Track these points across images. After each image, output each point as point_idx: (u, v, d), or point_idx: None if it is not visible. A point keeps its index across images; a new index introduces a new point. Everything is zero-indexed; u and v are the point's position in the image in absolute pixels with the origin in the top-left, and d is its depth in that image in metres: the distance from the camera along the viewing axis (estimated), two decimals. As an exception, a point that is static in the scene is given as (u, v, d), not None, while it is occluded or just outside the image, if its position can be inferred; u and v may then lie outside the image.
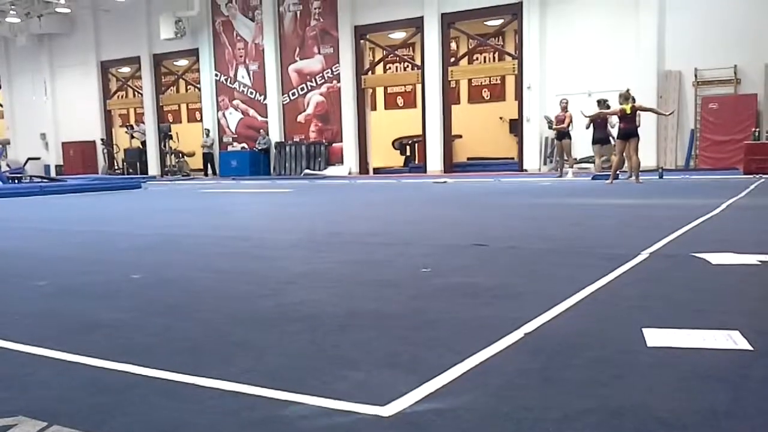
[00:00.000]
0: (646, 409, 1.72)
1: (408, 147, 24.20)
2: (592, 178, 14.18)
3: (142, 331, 2.66)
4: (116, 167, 27.32)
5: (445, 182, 15.35)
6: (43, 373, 2.17)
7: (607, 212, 7.45)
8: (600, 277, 3.40)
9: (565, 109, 15.57)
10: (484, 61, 22.54)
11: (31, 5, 25.35)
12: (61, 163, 28.02)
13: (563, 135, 15.55)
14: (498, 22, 20.52)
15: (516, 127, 20.63)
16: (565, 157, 15.81)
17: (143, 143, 26.39)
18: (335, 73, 22.15)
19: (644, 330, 2.41)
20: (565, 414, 1.70)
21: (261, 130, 23.53)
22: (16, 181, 16.54)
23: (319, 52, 22.47)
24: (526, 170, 19.26)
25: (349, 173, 21.74)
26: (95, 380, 2.09)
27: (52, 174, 25.34)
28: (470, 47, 22.01)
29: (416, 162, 23.18)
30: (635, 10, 17.48)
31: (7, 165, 21.12)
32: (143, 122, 26.59)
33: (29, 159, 26.12)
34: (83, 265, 4.52)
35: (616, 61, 17.65)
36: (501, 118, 22.66)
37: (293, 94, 23.09)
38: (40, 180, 17.46)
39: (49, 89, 28.44)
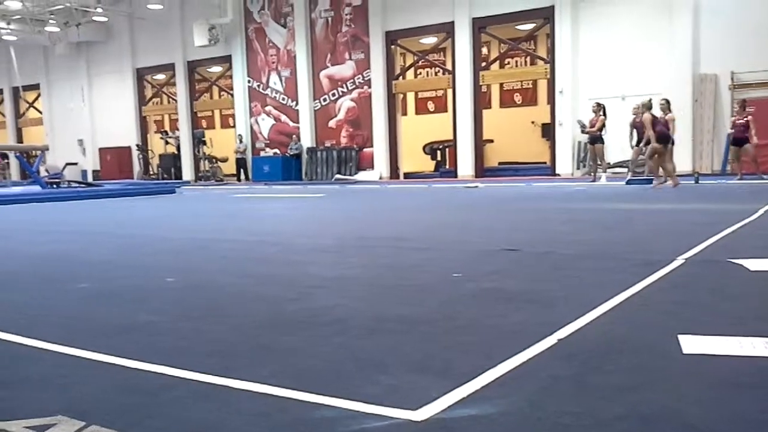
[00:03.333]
0: (679, 417, 1.70)
1: (439, 152, 24.15)
2: (627, 183, 13.99)
3: (175, 334, 2.70)
4: (151, 172, 27.72)
5: (476, 187, 15.28)
6: (81, 374, 2.21)
7: (641, 217, 7.35)
8: (634, 282, 3.35)
9: (596, 112, 15.40)
10: (516, 66, 22.41)
11: (70, 14, 25.90)
12: (98, 169, 28.53)
13: (595, 139, 15.41)
14: (529, 26, 20.38)
15: (548, 131, 20.46)
16: (598, 162, 15.66)
17: (178, 149, 26.76)
18: (366, 79, 22.22)
19: (680, 337, 2.37)
20: (598, 420, 1.68)
21: (293, 136, 23.70)
22: (55, 185, 16.88)
23: (350, 58, 22.57)
24: (558, 175, 19.09)
25: (380, 178, 21.77)
26: (131, 381, 2.12)
27: (89, 179, 25.80)
28: (501, 51, 21.91)
29: (447, 167, 23.11)
30: (669, 13, 17.22)
31: (46, 170, 21.55)
32: (177, 128, 26.96)
33: (67, 164, 26.66)
34: (120, 269, 4.60)
35: (650, 64, 17.41)
36: (533, 122, 22.50)
37: (324, 100, 23.22)
38: (77, 185, 17.80)
39: (86, 96, 29.00)
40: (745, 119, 14.37)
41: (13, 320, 2.97)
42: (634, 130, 14.27)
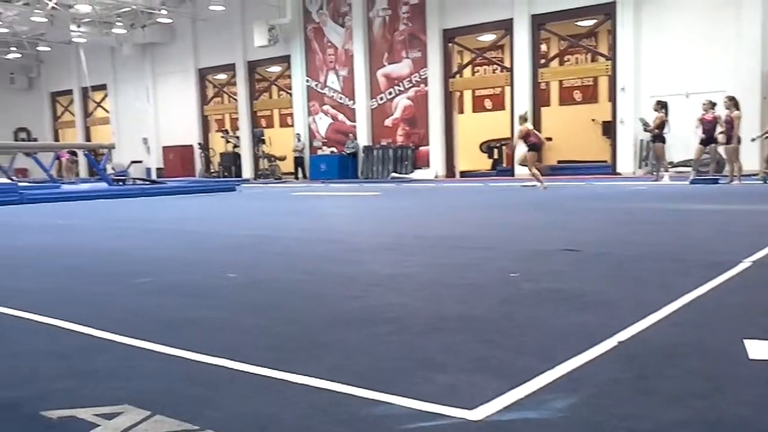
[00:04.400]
0: (746, 424, 1.65)
1: (496, 150, 23.93)
2: (691, 182, 13.59)
3: (236, 328, 2.77)
4: (212, 170, 28.33)
5: (534, 186, 15.08)
6: (146, 365, 2.29)
7: (706, 218, 7.13)
8: (699, 285, 3.26)
9: (657, 111, 15.02)
10: (576, 63, 22.01)
11: (136, 17, 26.70)
12: (162, 166, 29.33)
13: (656, 138, 15.06)
14: (590, 22, 19.99)
15: (609, 129, 20.04)
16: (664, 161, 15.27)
17: (237, 147, 27.27)
18: (423, 77, 22.19)
19: (746, 341, 2.30)
20: (659, 425, 1.65)
21: (350, 134, 23.87)
22: (121, 183, 17.44)
23: (407, 56, 22.57)
24: (619, 174, 18.67)
25: (436, 176, 21.71)
26: (193, 373, 2.18)
27: (153, 177, 26.55)
28: (561, 48, 21.55)
29: (504, 165, 22.89)
30: (736, 7, 16.62)
31: (112, 168, 22.25)
32: (238, 127, 27.48)
33: (132, 162, 27.47)
34: (182, 264, 4.73)
35: (716, 60, 16.84)
36: (593, 120, 22.06)
37: (381, 99, 23.29)
38: (142, 182, 18.34)
39: (151, 96, 29.84)
40: None
41: (81, 313, 3.09)
42: (700, 128, 13.89)
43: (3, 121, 33.45)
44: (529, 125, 14.16)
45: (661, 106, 15.02)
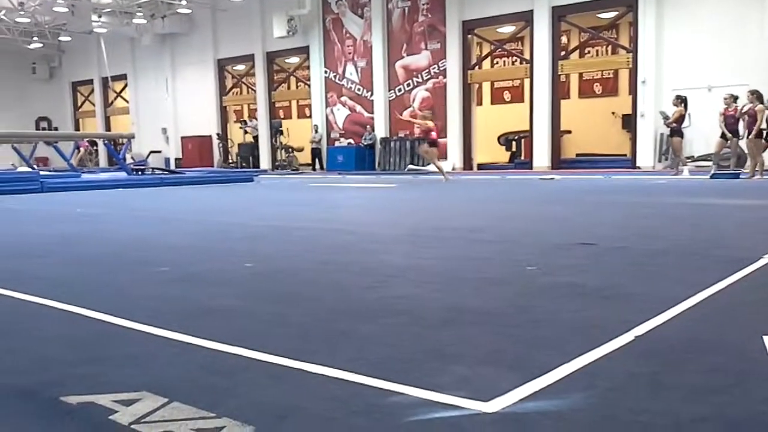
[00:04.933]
0: (767, 421, 1.63)
1: (514, 142, 23.81)
2: (711, 177, 13.45)
3: (254, 317, 2.79)
4: (230, 161, 28.46)
5: (552, 179, 15.01)
6: (165, 353, 2.31)
7: (726, 213, 7.06)
8: (718, 280, 3.23)
9: (677, 105, 14.88)
10: (596, 55, 21.80)
11: (156, 7, 26.81)
12: (180, 157, 29.51)
13: (674, 132, 14.96)
14: (611, 14, 19.79)
15: (629, 122, 19.85)
16: (681, 156, 15.16)
17: (255, 138, 27.36)
18: (441, 69, 22.10)
19: (765, 337, 2.28)
20: (677, 421, 1.64)
21: (367, 126, 23.86)
22: (140, 172, 17.58)
23: (426, 48, 22.49)
24: (639, 167, 18.51)
25: (453, 169, 21.64)
26: (211, 362, 2.20)
27: (172, 166, 26.72)
28: (582, 40, 21.36)
29: (522, 158, 22.77)
30: (761, 0, 16.37)
31: (132, 158, 22.44)
32: (256, 118, 27.56)
33: (151, 152, 27.66)
34: (201, 253, 4.76)
35: (740, 53, 16.59)
36: (613, 113, 21.87)
37: (399, 90, 23.24)
38: (161, 172, 18.47)
39: (170, 86, 30.00)
40: None
41: (101, 301, 3.13)
42: (723, 122, 13.75)
43: (25, 110, 33.84)
44: (430, 124, 16.03)
45: (681, 100, 14.88)
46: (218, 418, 1.71)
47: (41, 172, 16.00)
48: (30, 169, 16.23)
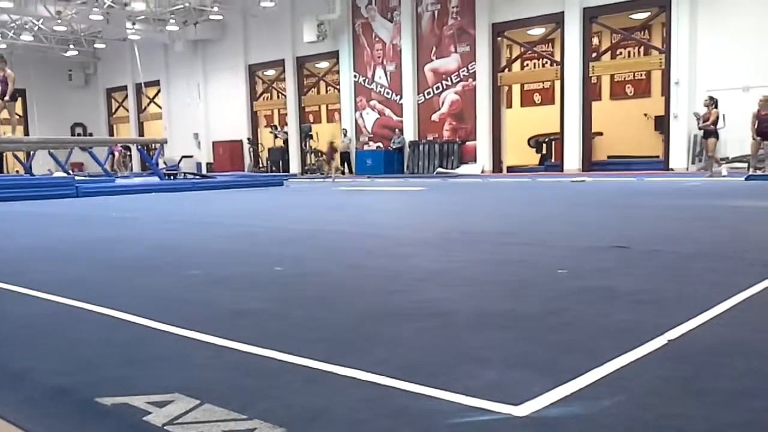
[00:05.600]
0: (804, 427, 1.60)
1: (544, 145, 23.65)
2: (746, 179, 13.19)
3: (284, 320, 2.81)
4: (261, 165, 28.72)
5: (583, 181, 14.86)
6: (197, 356, 2.34)
7: (761, 215, 6.92)
8: (753, 284, 3.17)
9: (708, 106, 14.66)
10: (628, 56, 21.57)
11: (188, 14, 27.22)
12: (211, 161, 29.86)
13: (709, 133, 14.72)
14: (644, 15, 19.57)
15: (662, 124, 19.59)
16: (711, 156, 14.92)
17: (285, 142, 27.56)
18: (471, 72, 22.05)
19: (804, 343, 2.23)
20: (712, 426, 1.61)
21: (396, 130, 23.88)
22: (172, 177, 17.82)
23: (455, 51, 22.46)
24: (672, 169, 18.25)
25: (482, 172, 21.57)
26: (242, 364, 2.23)
27: (203, 171, 27.04)
28: (613, 42, 21.13)
29: (553, 160, 22.60)
30: (799, -3, 16.06)
31: (164, 163, 22.77)
32: (286, 123, 27.77)
33: (183, 157, 28.00)
34: (231, 257, 4.81)
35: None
36: (646, 114, 21.60)
37: (428, 93, 23.23)
38: (192, 176, 18.71)
39: (201, 92, 30.38)
40: None
41: (135, 304, 3.18)
42: (756, 123, 13.52)
43: (61, 116, 34.57)
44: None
45: (713, 102, 14.64)
46: (250, 419, 1.73)
47: (76, 177, 16.31)
48: (66, 175, 16.57)
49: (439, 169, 22.30)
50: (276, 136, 27.88)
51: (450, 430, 1.64)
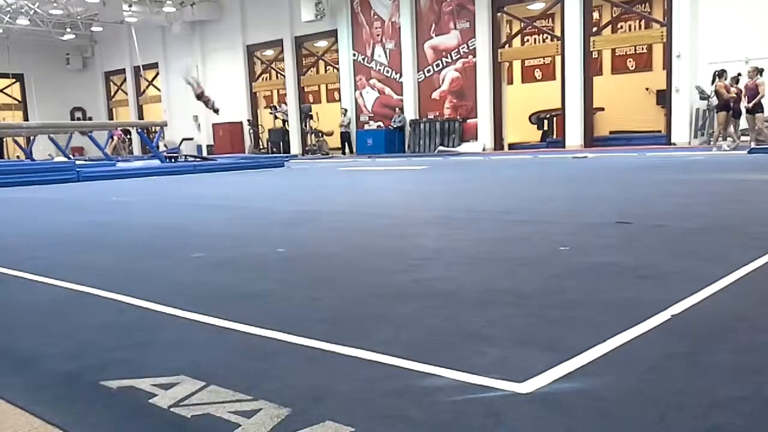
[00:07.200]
0: (808, 400, 1.61)
1: (546, 121, 23.52)
2: (749, 152, 13.15)
3: (288, 301, 2.81)
4: (261, 147, 28.63)
5: (585, 157, 14.81)
6: (201, 338, 2.35)
7: (764, 189, 6.90)
8: (755, 258, 3.17)
9: (754, 76, 14.32)
10: (629, 30, 21.37)
11: (185, -6, 27.00)
12: (212, 143, 29.77)
13: (720, 107, 14.52)
14: (645, -13, 19.37)
15: (664, 98, 19.46)
16: (724, 129, 14.71)
17: (285, 123, 27.45)
18: (471, 48, 21.87)
19: (807, 315, 2.23)
20: (714, 400, 1.62)
21: (396, 108, 23.76)
22: (173, 160, 17.80)
23: (455, 28, 22.26)
24: (674, 144, 18.17)
25: (483, 149, 21.49)
26: (247, 345, 2.24)
27: (204, 153, 26.99)
28: (614, 15, 20.93)
29: (554, 137, 22.50)
30: (802, -33, 15.87)
31: (165, 146, 22.74)
32: (285, 103, 27.64)
33: (183, 140, 27.98)
34: (234, 239, 4.82)
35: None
36: (647, 89, 21.45)
37: (428, 71, 23.08)
38: (193, 159, 18.68)
39: (200, 73, 30.20)
40: None
41: (139, 287, 3.19)
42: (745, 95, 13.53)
43: (60, 101, 34.43)
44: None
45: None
46: (255, 400, 1.74)
47: (77, 162, 16.29)
48: (66, 159, 16.55)
49: (441, 148, 22.22)
50: (276, 117, 27.77)
51: (454, 408, 1.65)
